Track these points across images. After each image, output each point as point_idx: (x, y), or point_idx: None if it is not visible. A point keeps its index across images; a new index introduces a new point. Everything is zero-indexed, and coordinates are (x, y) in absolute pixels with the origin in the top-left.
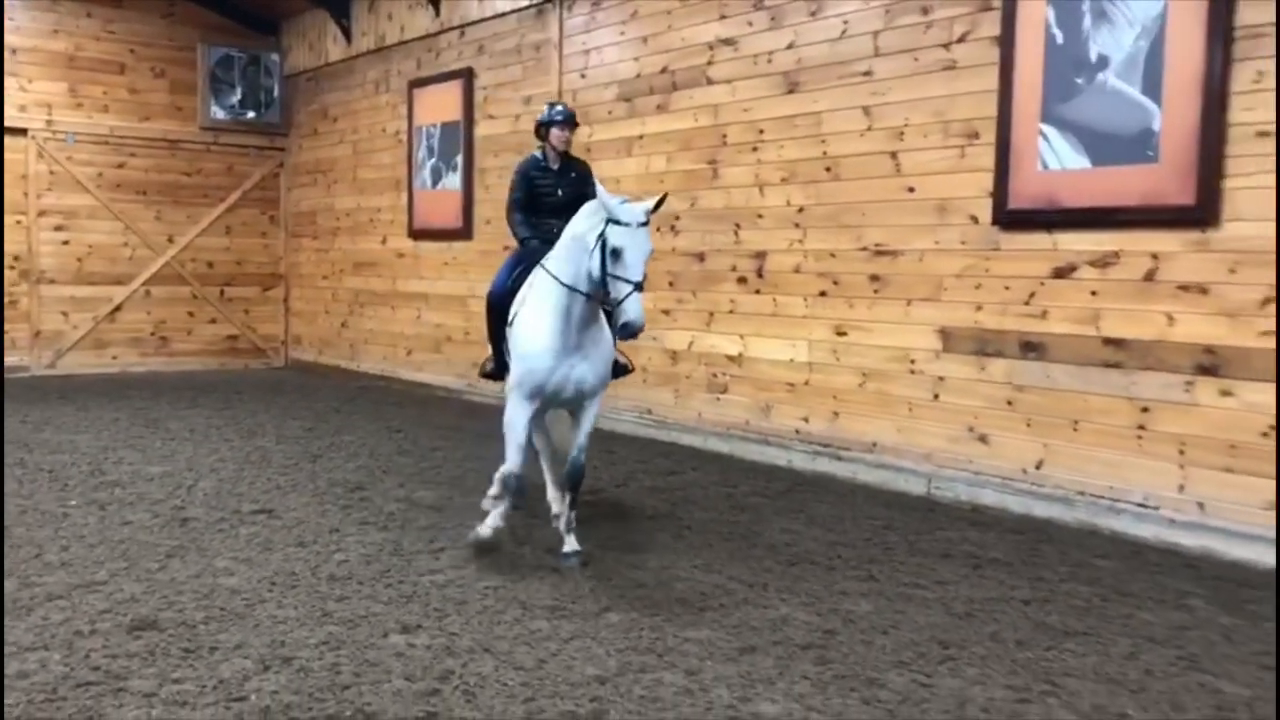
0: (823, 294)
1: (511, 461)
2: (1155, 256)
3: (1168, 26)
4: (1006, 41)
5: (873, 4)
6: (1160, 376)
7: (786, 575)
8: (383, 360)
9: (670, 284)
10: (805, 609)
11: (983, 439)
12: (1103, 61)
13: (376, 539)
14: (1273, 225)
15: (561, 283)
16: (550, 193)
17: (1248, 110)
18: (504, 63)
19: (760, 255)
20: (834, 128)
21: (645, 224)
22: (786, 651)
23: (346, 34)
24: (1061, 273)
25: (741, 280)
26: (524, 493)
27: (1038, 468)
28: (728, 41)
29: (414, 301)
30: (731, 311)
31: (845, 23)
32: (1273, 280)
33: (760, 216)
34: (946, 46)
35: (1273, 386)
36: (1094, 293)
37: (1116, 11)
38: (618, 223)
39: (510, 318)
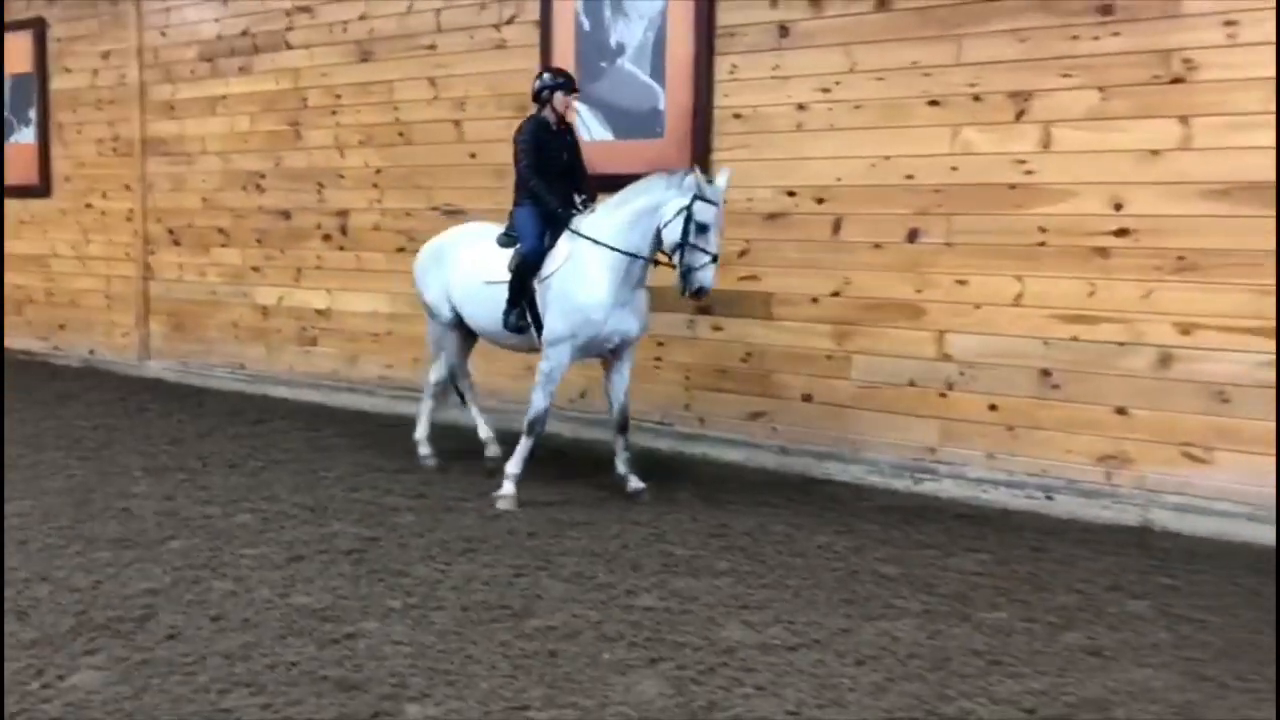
0: (401, 250)
1: (543, 406)
2: None
3: (667, 21)
4: (545, 26)
5: None
6: (671, 316)
7: (346, 500)
8: None
9: (258, 241)
10: (357, 525)
11: None
12: (621, 48)
13: None
14: (747, 193)
15: (622, 251)
16: (556, 157)
17: (726, 96)
18: (78, 15)
19: (343, 214)
20: (404, 96)
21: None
22: (331, 558)
23: None
24: None
25: (327, 237)
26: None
27: (581, 397)
28: (304, 9)
29: None
30: (319, 267)
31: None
32: (749, 235)
33: (342, 177)
34: (497, 27)
35: (750, 322)
36: None
37: (630, 5)
38: (705, 200)
39: (544, 275)
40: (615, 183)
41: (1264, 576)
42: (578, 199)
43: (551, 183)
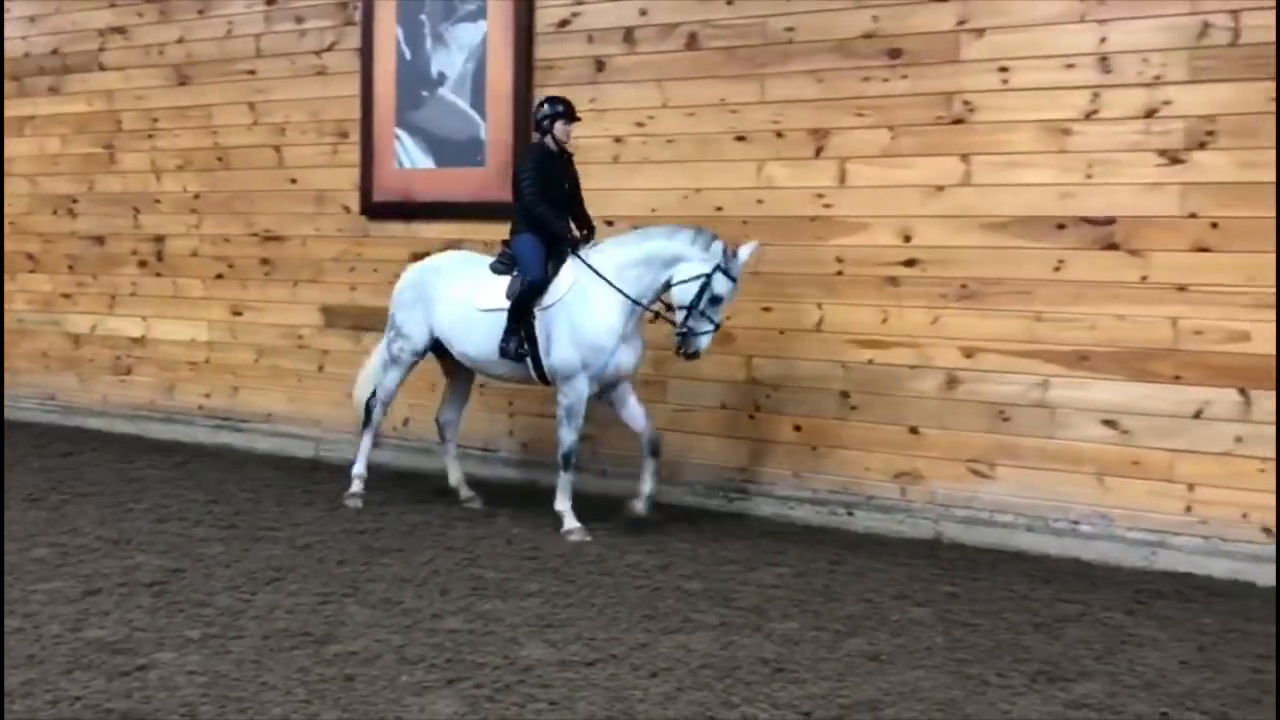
0: (219, 276)
1: (572, 440)
2: (487, 244)
3: (488, 53)
4: (366, 53)
5: (255, 8)
6: None
7: (153, 532)
8: None
9: (70, 268)
10: (162, 556)
11: None
12: (441, 77)
13: None
14: None
15: (628, 297)
16: (558, 185)
17: None
18: None
19: (160, 239)
20: (223, 120)
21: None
22: (130, 590)
23: None
24: (419, 257)
25: (142, 264)
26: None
27: (405, 424)
28: (118, 30)
29: None
30: (133, 294)
31: (230, 23)
32: None
33: (158, 201)
34: (318, 53)
35: None
36: None
37: (450, 36)
38: (727, 274)
39: (546, 303)
40: (439, 210)
41: (1035, 582)
42: (579, 233)
43: (554, 210)
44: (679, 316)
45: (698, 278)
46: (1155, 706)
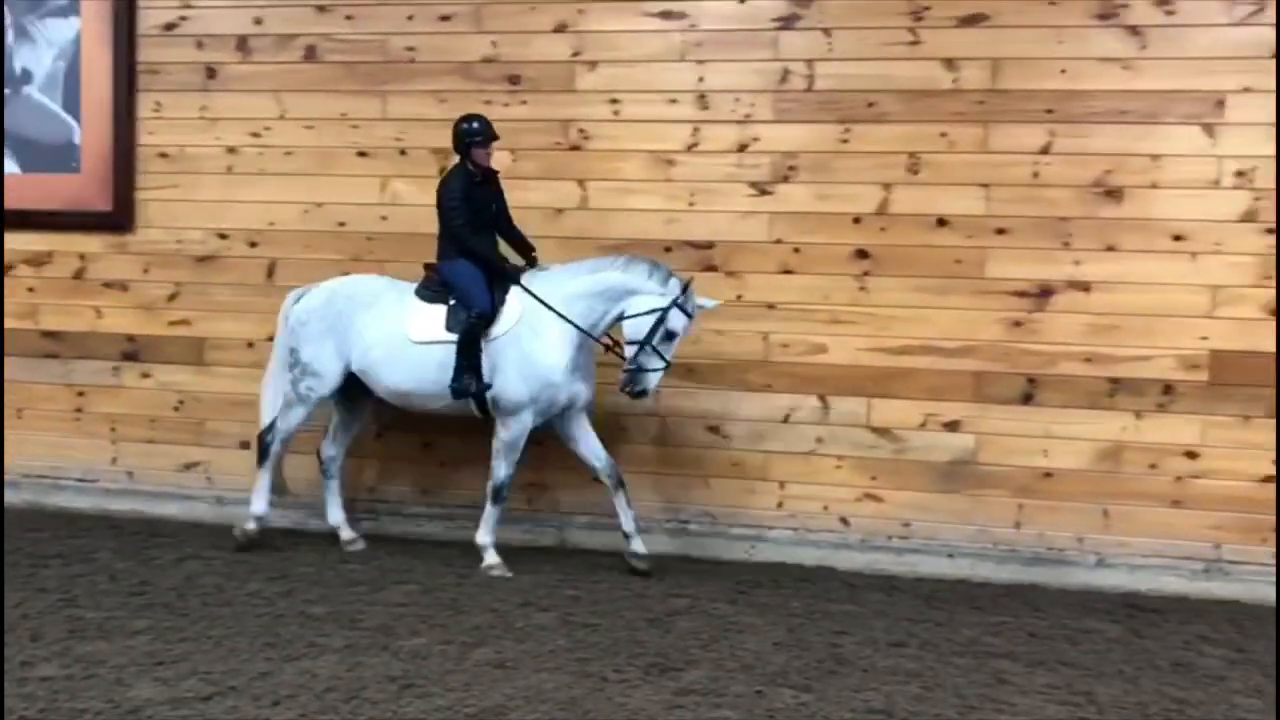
0: None
1: (506, 474)
2: (83, 256)
3: (82, 52)
4: None
5: None
6: (93, 364)
7: None
8: None
9: None
10: None
11: None
12: (27, 76)
13: None
14: (176, 234)
15: (578, 328)
16: (485, 209)
17: (151, 134)
18: None
19: None
20: None
21: None
22: None
23: None
24: (9, 268)
25: None
26: None
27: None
28: None
29: None
30: None
31: None
32: (179, 279)
33: None
34: None
35: (181, 368)
36: (31, 289)
37: (36, 31)
38: (684, 311)
39: (493, 335)
40: (25, 219)
41: (650, 580)
42: (524, 258)
43: (485, 237)
44: (629, 351)
45: (652, 312)
46: (752, 686)
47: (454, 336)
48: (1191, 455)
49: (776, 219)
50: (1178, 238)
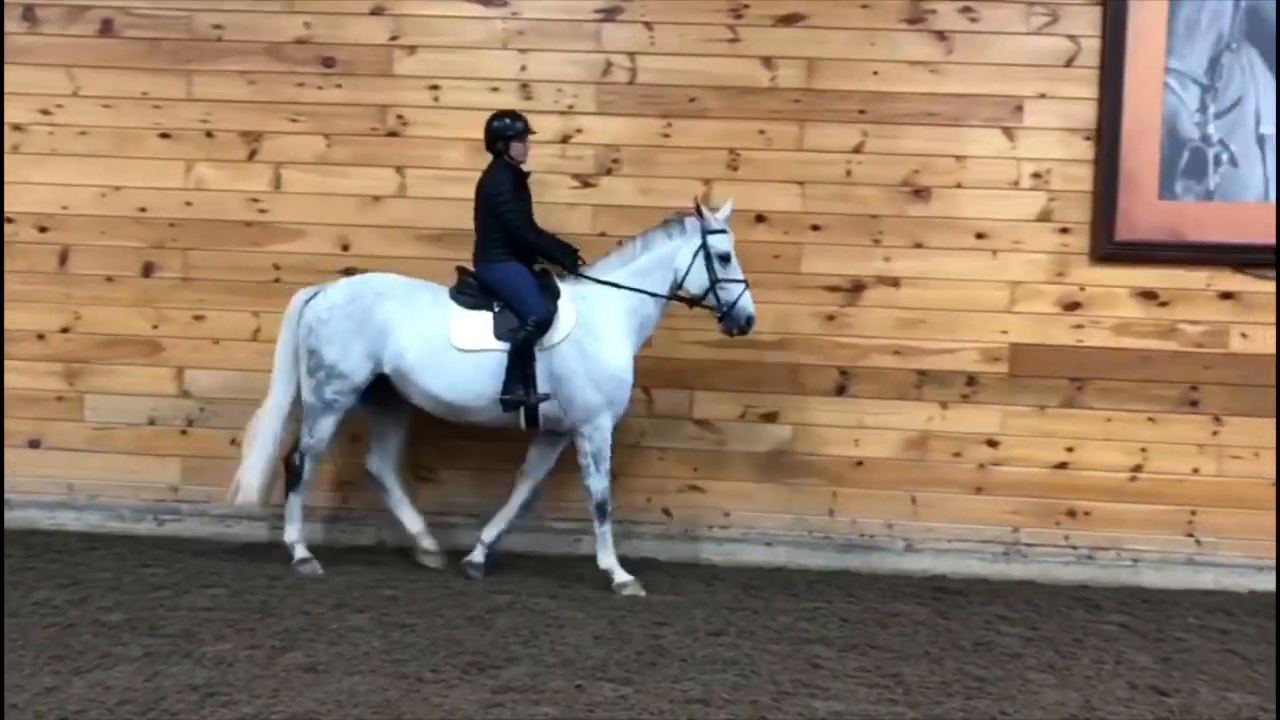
0: None
1: (604, 486)
2: None
3: None
4: None
5: None
6: None
7: None
8: None
9: None
10: None
11: None
12: None
13: None
14: None
15: (661, 295)
16: (529, 207)
17: None
18: None
19: None
20: None
21: None
22: None
23: None
24: None
25: None
26: None
27: None
28: None
29: None
30: None
31: None
32: None
33: None
34: None
35: None
36: None
37: None
38: (716, 231)
39: (547, 343)
40: None
41: (471, 578)
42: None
43: (540, 232)
44: (711, 301)
45: (696, 254)
46: (571, 680)
47: (503, 345)
48: (992, 444)
49: (601, 211)
50: (980, 236)
